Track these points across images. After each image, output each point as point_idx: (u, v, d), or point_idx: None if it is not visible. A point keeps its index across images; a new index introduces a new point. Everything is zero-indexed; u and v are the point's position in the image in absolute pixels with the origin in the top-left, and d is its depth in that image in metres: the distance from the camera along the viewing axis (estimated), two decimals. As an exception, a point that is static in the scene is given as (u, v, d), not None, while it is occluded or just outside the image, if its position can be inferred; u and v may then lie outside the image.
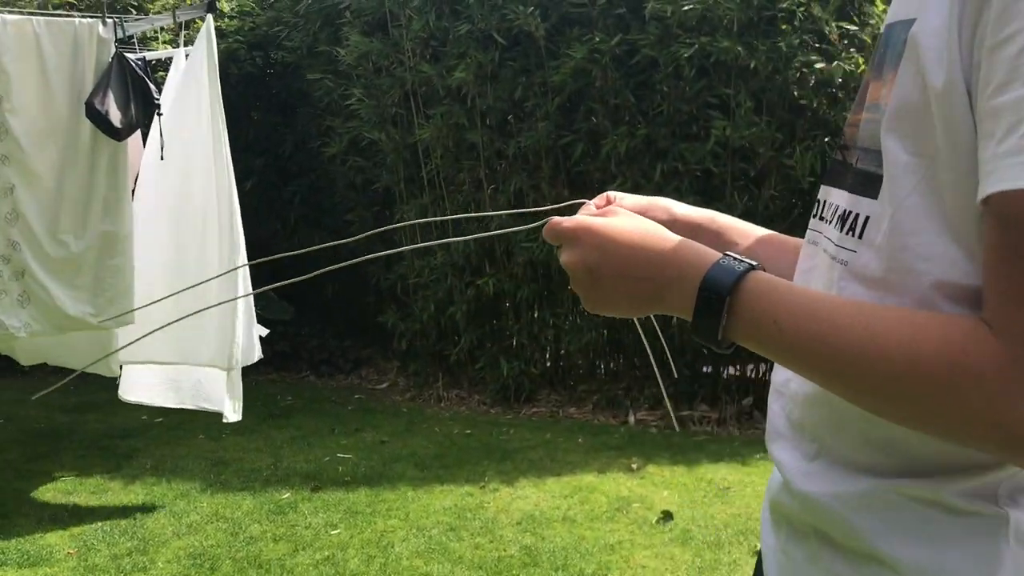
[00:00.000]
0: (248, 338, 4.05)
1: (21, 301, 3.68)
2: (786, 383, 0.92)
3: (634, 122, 5.14)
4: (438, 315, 6.06)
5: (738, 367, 5.66)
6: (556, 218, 0.92)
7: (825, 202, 0.91)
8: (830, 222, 0.87)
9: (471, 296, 5.87)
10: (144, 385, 4.35)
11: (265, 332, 4.28)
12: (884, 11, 4.75)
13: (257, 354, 4.14)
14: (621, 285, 0.86)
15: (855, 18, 4.89)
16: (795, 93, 4.76)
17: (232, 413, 4.12)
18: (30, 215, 3.63)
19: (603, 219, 0.89)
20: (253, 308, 4.16)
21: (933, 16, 0.71)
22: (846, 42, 4.82)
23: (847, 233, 0.82)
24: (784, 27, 4.77)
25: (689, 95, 4.95)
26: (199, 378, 4.22)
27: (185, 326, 4.03)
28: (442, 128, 5.65)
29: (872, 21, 4.82)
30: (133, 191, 4.04)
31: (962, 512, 0.77)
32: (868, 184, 0.80)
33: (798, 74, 4.72)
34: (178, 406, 4.32)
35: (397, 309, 6.48)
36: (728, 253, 0.82)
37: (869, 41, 4.80)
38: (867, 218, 0.80)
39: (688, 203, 1.12)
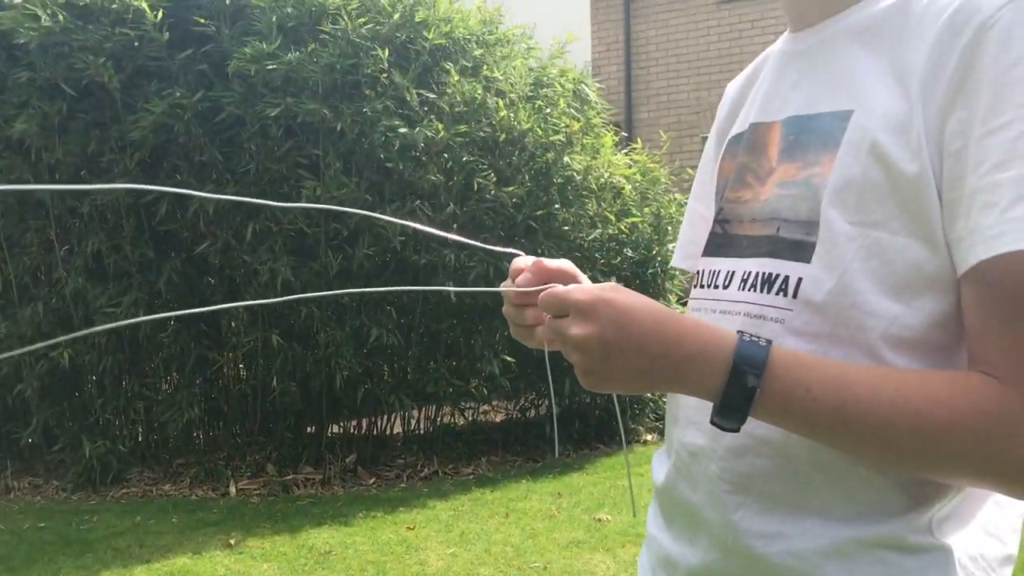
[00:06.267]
0: None
1: None
2: (716, 439, 0.92)
3: (222, 180, 4.97)
4: (4, 393, 5.33)
5: (341, 424, 5.66)
6: (562, 287, 0.85)
7: (709, 271, 0.99)
8: (725, 287, 0.95)
9: (43, 370, 5.24)
10: None
11: None
12: (459, 81, 5.12)
13: None
14: (636, 361, 0.81)
15: (434, 86, 5.19)
16: (381, 156, 4.92)
17: None
18: None
19: (617, 293, 0.82)
20: None
21: (879, 111, 0.82)
22: (426, 108, 5.09)
23: (776, 294, 0.88)
24: (368, 92, 4.92)
25: (278, 154, 4.91)
26: None
27: None
28: (2, 184, 5.02)
29: (449, 90, 5.15)
30: None
31: (915, 549, 0.83)
32: (796, 250, 0.88)
33: (383, 138, 4.88)
34: None
35: (-49, 390, 5.60)
36: (741, 331, 0.83)
37: (447, 109, 5.11)
38: (799, 279, 0.86)
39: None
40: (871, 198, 0.82)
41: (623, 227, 6.00)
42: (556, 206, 5.59)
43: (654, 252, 6.15)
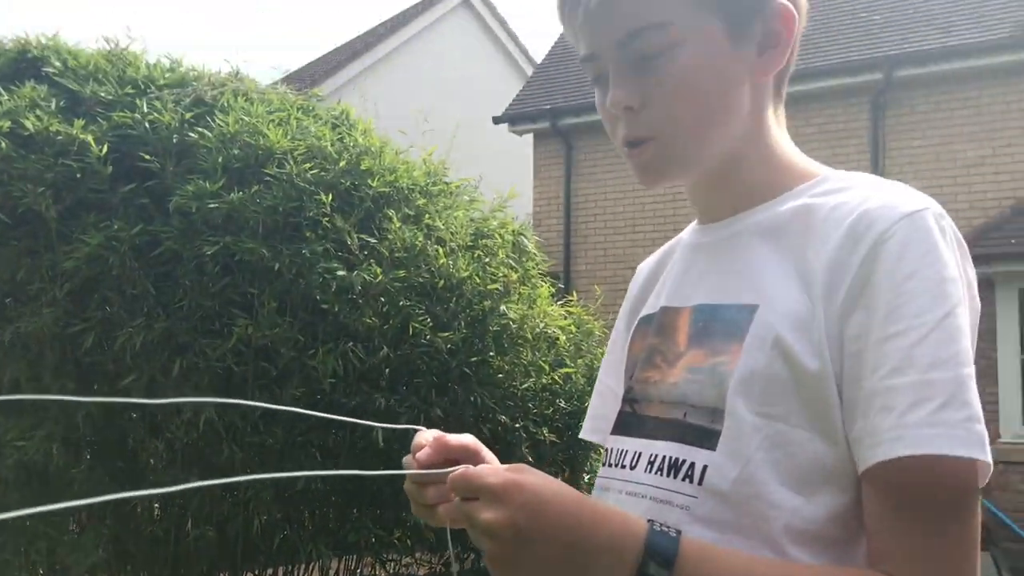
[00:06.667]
0: None
1: None
2: None
3: (153, 314, 4.90)
4: None
5: (255, 572, 5.41)
6: (473, 469, 0.82)
7: (617, 450, 1.01)
8: (632, 468, 0.97)
9: (-59, 504, 4.96)
10: None
11: None
12: (400, 227, 5.21)
13: None
14: (548, 550, 0.78)
15: (375, 232, 5.28)
16: (317, 297, 4.92)
17: None
18: None
19: (528, 477, 0.80)
20: None
21: (782, 308, 0.86)
22: (366, 253, 5.15)
23: (682, 480, 0.90)
24: (309, 234, 4.98)
25: (213, 291, 4.87)
26: None
27: None
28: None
29: (390, 236, 5.23)
30: None
31: None
32: (702, 437, 0.89)
33: (321, 279, 4.90)
34: None
35: None
36: (651, 520, 0.83)
37: (387, 254, 5.17)
38: (705, 467, 0.88)
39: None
40: (775, 391, 0.86)
41: (557, 377, 6.03)
42: (491, 353, 5.61)
43: (587, 404, 6.14)
